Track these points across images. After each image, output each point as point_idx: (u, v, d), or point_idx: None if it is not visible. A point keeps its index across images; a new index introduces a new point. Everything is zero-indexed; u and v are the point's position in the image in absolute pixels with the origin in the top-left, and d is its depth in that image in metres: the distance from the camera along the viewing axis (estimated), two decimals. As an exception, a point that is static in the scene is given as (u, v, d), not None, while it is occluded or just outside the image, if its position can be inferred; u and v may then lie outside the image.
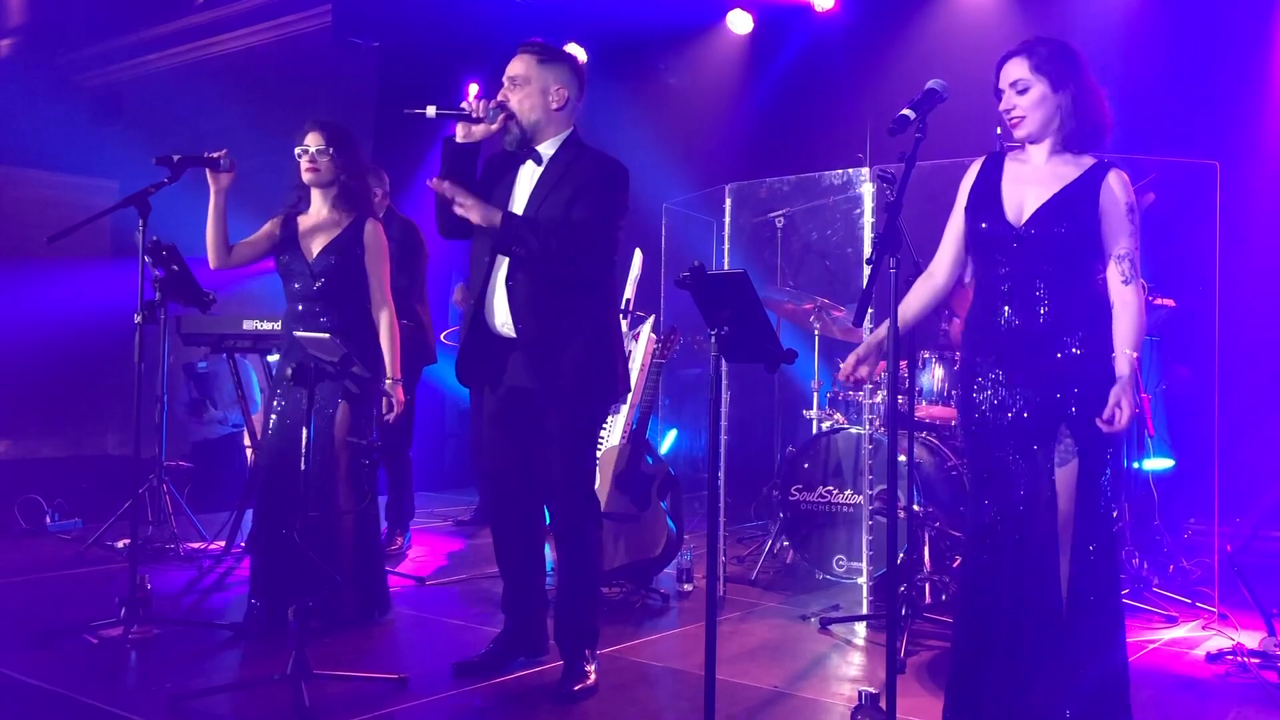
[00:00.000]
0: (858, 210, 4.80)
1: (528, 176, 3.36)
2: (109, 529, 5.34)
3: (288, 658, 3.09)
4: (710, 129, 7.78)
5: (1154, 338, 5.22)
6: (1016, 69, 2.83)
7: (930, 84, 2.66)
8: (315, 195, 4.03)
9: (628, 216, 3.40)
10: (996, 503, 2.82)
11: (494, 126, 3.27)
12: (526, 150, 3.34)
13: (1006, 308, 2.83)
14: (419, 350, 5.35)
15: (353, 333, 3.92)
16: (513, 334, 3.30)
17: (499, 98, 3.31)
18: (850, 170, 4.77)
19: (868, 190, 4.58)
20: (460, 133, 3.28)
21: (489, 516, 3.54)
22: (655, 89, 8.08)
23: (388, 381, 3.99)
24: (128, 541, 3.98)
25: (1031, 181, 2.86)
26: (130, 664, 3.57)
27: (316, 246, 3.97)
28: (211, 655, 3.69)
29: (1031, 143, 2.88)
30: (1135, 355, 2.75)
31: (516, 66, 3.32)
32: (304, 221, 4.03)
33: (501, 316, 3.32)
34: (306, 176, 3.97)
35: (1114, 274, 2.82)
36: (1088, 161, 2.85)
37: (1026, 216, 2.82)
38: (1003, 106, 2.86)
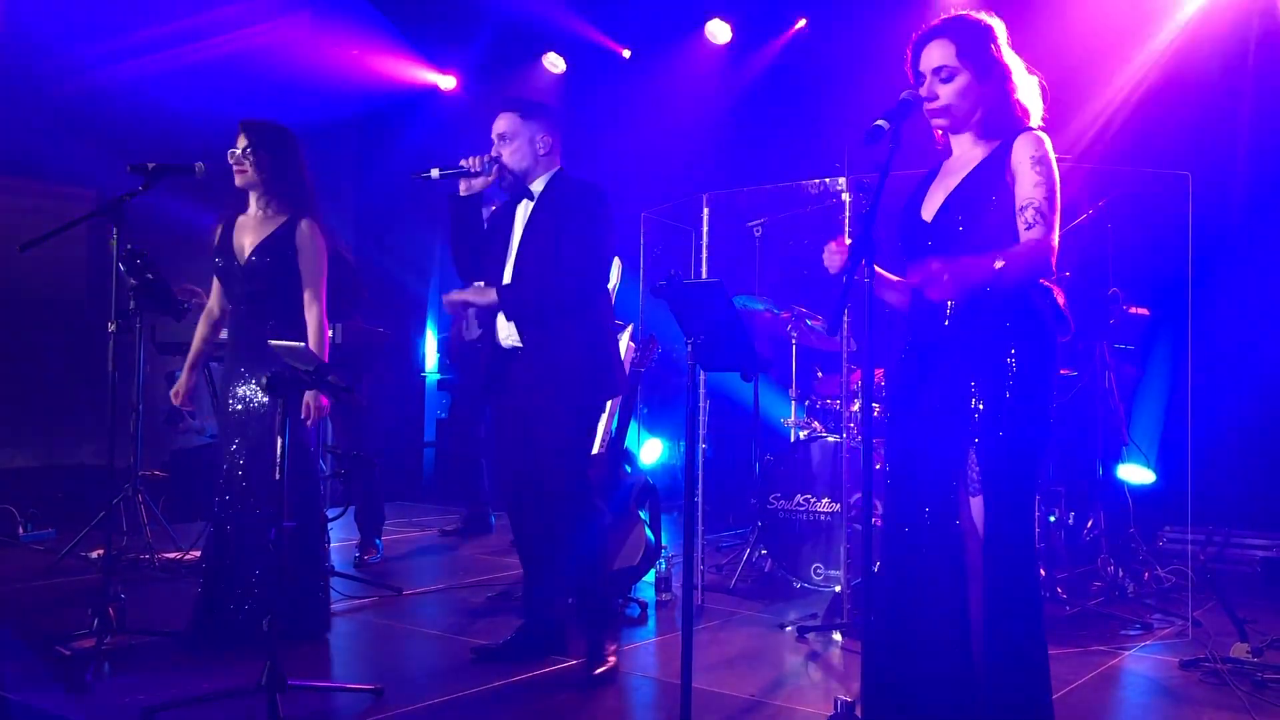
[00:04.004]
0: (836, 220, 4.81)
1: (522, 214, 3.75)
2: (83, 539, 5.30)
3: (261, 669, 3.07)
4: (689, 137, 7.79)
5: (1129, 346, 5.26)
6: (940, 53, 2.65)
7: (904, 94, 2.64)
8: (250, 197, 3.98)
9: (617, 227, 3.77)
10: (909, 534, 2.63)
11: (490, 178, 3.68)
12: (521, 191, 3.75)
13: (920, 319, 2.63)
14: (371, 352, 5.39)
15: (285, 337, 3.79)
16: (518, 344, 3.67)
17: (492, 153, 3.70)
18: (828, 179, 4.78)
19: (846, 200, 4.59)
20: (462, 188, 3.68)
21: (510, 524, 3.87)
22: (634, 97, 8.09)
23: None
24: (101, 552, 3.94)
25: (947, 174, 2.70)
26: (103, 675, 3.54)
27: (248, 248, 3.90)
28: (185, 666, 3.65)
29: (952, 133, 2.72)
30: (1000, 264, 2.43)
31: (503, 124, 3.72)
32: (241, 223, 3.99)
33: (506, 330, 3.69)
34: (236, 179, 3.94)
35: (1019, 226, 2.53)
36: (1000, 139, 2.65)
37: (935, 210, 2.65)
38: (923, 93, 2.66)
